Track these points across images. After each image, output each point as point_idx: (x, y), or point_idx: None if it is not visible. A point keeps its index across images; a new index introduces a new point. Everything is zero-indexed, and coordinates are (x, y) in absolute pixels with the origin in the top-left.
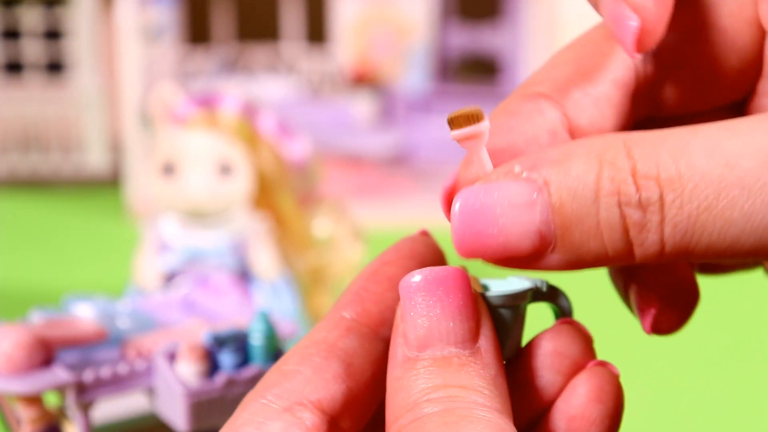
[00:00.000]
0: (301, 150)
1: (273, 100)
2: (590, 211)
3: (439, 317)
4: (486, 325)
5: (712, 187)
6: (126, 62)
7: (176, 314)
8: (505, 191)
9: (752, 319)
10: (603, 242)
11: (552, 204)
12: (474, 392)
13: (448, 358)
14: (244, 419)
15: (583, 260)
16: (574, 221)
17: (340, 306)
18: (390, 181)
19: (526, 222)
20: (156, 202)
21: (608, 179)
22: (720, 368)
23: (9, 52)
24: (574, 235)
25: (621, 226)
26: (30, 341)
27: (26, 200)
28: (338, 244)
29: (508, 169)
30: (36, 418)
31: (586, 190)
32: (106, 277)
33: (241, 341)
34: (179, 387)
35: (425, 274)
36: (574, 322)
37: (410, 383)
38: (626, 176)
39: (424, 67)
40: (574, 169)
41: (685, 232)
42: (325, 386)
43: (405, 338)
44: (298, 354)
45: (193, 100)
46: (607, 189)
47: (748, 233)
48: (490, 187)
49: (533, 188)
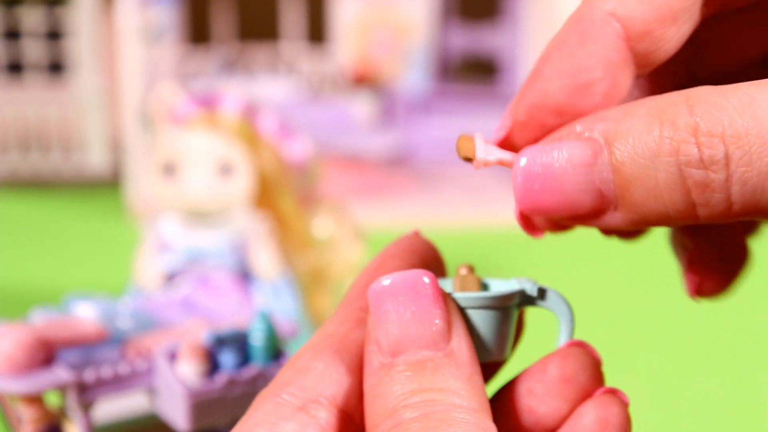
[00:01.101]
0: (302, 150)
1: (273, 100)
2: (649, 172)
3: (410, 321)
4: (458, 325)
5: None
6: (126, 62)
7: (177, 314)
8: (566, 151)
9: (755, 320)
10: (664, 202)
11: (612, 163)
12: (451, 394)
13: (422, 362)
14: (257, 419)
15: (646, 219)
16: (634, 181)
17: (350, 300)
18: (390, 181)
19: (587, 181)
20: (156, 202)
21: (668, 139)
22: (721, 368)
23: (10, 52)
24: (634, 195)
25: (681, 186)
26: (31, 341)
27: (27, 200)
28: (338, 244)
29: (570, 129)
30: (37, 417)
31: (645, 150)
32: (106, 277)
33: (242, 341)
34: (180, 387)
35: (392, 279)
36: (584, 344)
37: (387, 389)
38: (687, 136)
39: (424, 68)
40: (634, 129)
41: (755, 190)
42: (339, 381)
43: (378, 345)
44: (311, 349)
45: (193, 101)
46: (666, 149)
47: None
48: (551, 147)
49: (593, 148)
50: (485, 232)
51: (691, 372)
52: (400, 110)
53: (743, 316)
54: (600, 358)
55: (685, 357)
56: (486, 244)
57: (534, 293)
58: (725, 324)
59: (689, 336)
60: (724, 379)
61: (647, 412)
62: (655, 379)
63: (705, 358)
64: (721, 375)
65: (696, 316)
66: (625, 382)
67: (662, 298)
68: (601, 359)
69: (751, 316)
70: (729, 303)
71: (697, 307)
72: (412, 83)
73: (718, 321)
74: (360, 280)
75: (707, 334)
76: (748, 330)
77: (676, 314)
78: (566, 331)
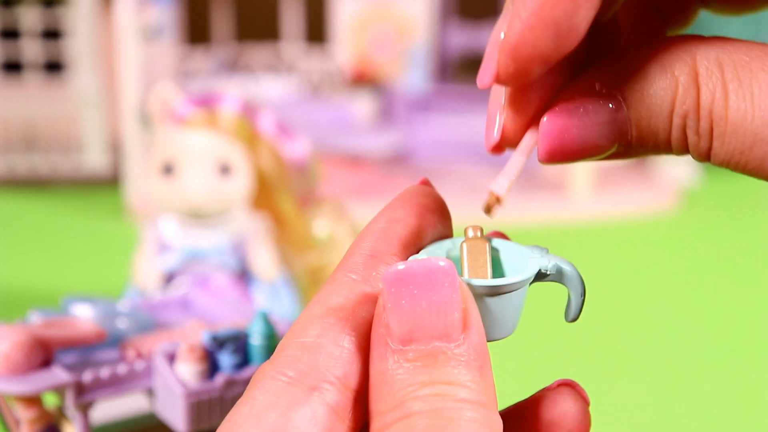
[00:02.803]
0: (301, 150)
1: (273, 100)
2: (665, 126)
3: (425, 311)
4: (472, 316)
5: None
6: (125, 62)
7: (176, 315)
8: (587, 108)
9: (752, 320)
10: (670, 146)
11: (630, 119)
12: (461, 388)
13: (433, 353)
14: (267, 401)
15: (648, 153)
16: (649, 133)
17: (350, 266)
18: (390, 180)
19: (607, 136)
20: (155, 202)
21: (680, 102)
22: (720, 368)
23: (8, 51)
24: (647, 143)
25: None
26: (29, 342)
27: (25, 200)
28: (338, 244)
29: (590, 86)
30: (35, 418)
31: (662, 109)
32: (105, 278)
33: (241, 341)
34: (179, 387)
35: (411, 265)
36: (573, 384)
37: (395, 378)
38: (693, 102)
39: (424, 67)
40: (653, 87)
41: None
42: (349, 360)
43: (388, 330)
44: (317, 324)
45: (192, 100)
46: (678, 110)
47: None
48: (572, 105)
49: (613, 105)
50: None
51: (690, 370)
52: (400, 109)
53: (744, 316)
54: (588, 398)
55: (685, 355)
56: None
57: (550, 270)
58: (726, 324)
59: (689, 335)
60: (724, 379)
61: (646, 409)
62: (656, 377)
63: (705, 359)
64: (721, 375)
65: (696, 315)
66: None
67: (662, 296)
68: (588, 400)
69: (751, 316)
70: (729, 303)
71: (698, 306)
72: (411, 83)
73: (718, 321)
74: (361, 246)
75: (707, 334)
76: (749, 330)
77: (677, 312)
78: (576, 305)
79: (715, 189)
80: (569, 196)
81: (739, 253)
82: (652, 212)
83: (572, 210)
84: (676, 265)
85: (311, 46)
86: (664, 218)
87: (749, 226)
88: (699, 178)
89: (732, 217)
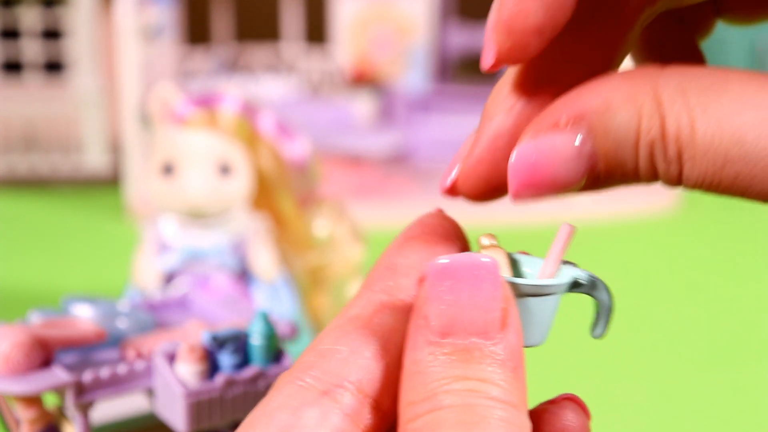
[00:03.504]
0: (301, 150)
1: (273, 100)
2: (632, 156)
3: (465, 305)
4: (512, 316)
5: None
6: (125, 62)
7: (176, 315)
8: (554, 144)
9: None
10: (639, 176)
11: (597, 152)
12: (493, 386)
13: (470, 349)
14: (279, 402)
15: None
16: (616, 165)
17: (371, 282)
18: (390, 180)
19: (576, 168)
20: (155, 202)
21: (645, 131)
22: (720, 368)
23: (8, 51)
24: (616, 174)
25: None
26: (29, 342)
27: (25, 200)
28: (338, 244)
29: (554, 120)
30: (35, 418)
31: (627, 139)
32: (105, 278)
33: (241, 341)
34: (178, 387)
35: (456, 259)
36: (576, 399)
37: (429, 369)
38: (658, 130)
39: (424, 67)
40: (617, 119)
41: (696, 183)
42: (365, 365)
43: (427, 321)
44: (334, 332)
45: (192, 100)
46: (644, 140)
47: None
48: (539, 143)
49: (583, 138)
50: (484, 232)
51: (690, 369)
52: (400, 110)
53: (744, 316)
54: (589, 413)
55: (685, 355)
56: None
57: (584, 280)
58: (726, 324)
59: (689, 335)
60: (724, 379)
61: (647, 409)
62: (656, 377)
63: (705, 359)
64: (721, 375)
65: (696, 315)
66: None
67: (662, 296)
68: (590, 414)
69: (751, 316)
70: (729, 303)
71: (698, 306)
72: (411, 83)
73: (718, 321)
74: (380, 263)
75: (707, 334)
76: (749, 330)
77: (677, 312)
78: (605, 318)
79: None
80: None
81: (739, 253)
82: (652, 212)
83: (572, 210)
84: (676, 265)
85: (311, 46)
86: (664, 218)
87: (749, 226)
88: None
89: (732, 217)
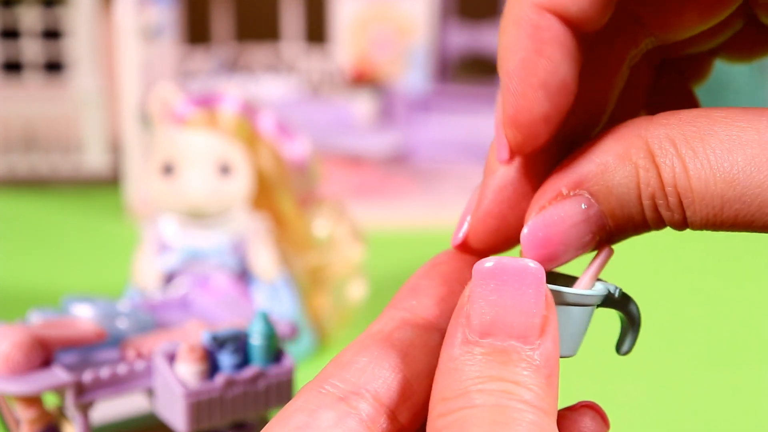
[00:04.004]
0: (301, 150)
1: (273, 100)
2: (637, 210)
3: (508, 308)
4: (551, 324)
5: (718, 201)
6: (125, 62)
7: (176, 315)
8: (560, 213)
9: (752, 320)
10: (648, 226)
11: (604, 212)
12: (527, 390)
13: (507, 351)
14: (297, 406)
15: (631, 235)
16: (625, 220)
17: (395, 302)
18: (390, 181)
19: (586, 233)
20: (155, 202)
21: (645, 185)
22: (720, 368)
23: (8, 51)
24: (626, 228)
25: (659, 218)
26: (28, 341)
27: (25, 200)
28: (338, 244)
29: (555, 192)
30: (35, 418)
31: (630, 196)
32: (105, 278)
33: (241, 341)
34: (178, 387)
35: (503, 261)
36: (595, 407)
37: (465, 366)
38: (656, 180)
39: (424, 67)
40: (616, 178)
41: (701, 225)
42: (383, 376)
43: (468, 320)
44: (355, 346)
45: (192, 100)
46: (645, 192)
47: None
48: (546, 216)
49: (585, 205)
50: None
51: (691, 370)
52: (400, 110)
53: (744, 316)
54: (608, 422)
55: (685, 356)
56: None
57: (617, 295)
58: (726, 324)
59: (689, 335)
60: (724, 379)
61: (647, 409)
62: (656, 377)
63: (705, 359)
64: (722, 375)
65: (695, 315)
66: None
67: (662, 296)
68: (609, 423)
69: (751, 316)
70: (729, 303)
71: (697, 306)
72: (411, 83)
73: (718, 321)
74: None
75: (707, 334)
76: (749, 330)
77: (676, 312)
78: (632, 337)
79: None
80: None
81: (739, 252)
82: None
83: None
84: (676, 265)
85: (311, 46)
86: None
87: None
88: None
89: None
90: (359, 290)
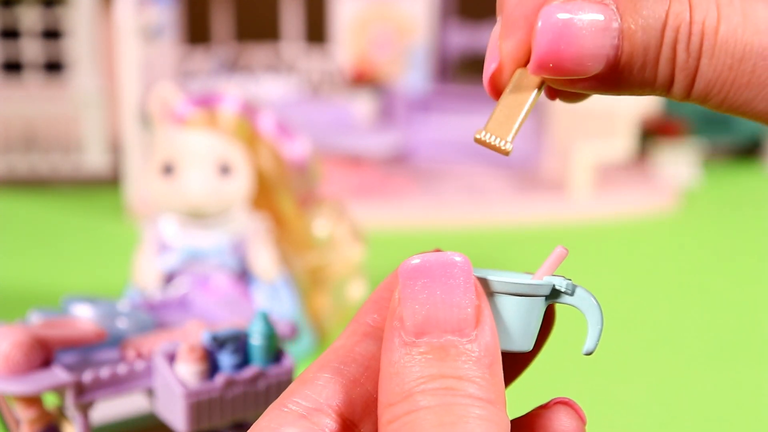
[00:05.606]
0: (301, 150)
1: (273, 100)
2: (656, 40)
3: (438, 303)
4: (485, 313)
5: (739, 51)
6: (125, 62)
7: (176, 315)
8: (586, 12)
9: (752, 319)
10: (656, 73)
11: (624, 30)
12: (470, 383)
13: (445, 347)
14: (261, 426)
15: (630, 87)
16: (640, 50)
17: (358, 316)
18: (390, 180)
19: (600, 45)
20: (155, 202)
21: (674, 15)
22: (720, 368)
23: (8, 51)
24: (635, 62)
25: (672, 62)
26: (29, 342)
27: (25, 200)
28: (338, 244)
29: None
30: (35, 418)
31: (656, 20)
32: (105, 278)
33: (241, 341)
34: (179, 387)
35: (427, 257)
36: (571, 403)
37: (406, 369)
38: (686, 15)
39: (424, 67)
40: (648, 1)
41: (710, 80)
42: (344, 390)
43: (401, 322)
44: (318, 363)
45: (192, 100)
46: (672, 23)
47: (760, 99)
48: (573, 7)
49: (608, 14)
50: (485, 231)
51: (690, 370)
52: (400, 110)
53: (744, 316)
54: (584, 417)
55: (685, 355)
56: (485, 244)
57: (564, 288)
58: (725, 324)
59: (689, 335)
60: (724, 379)
61: (647, 409)
62: (655, 377)
63: (705, 359)
64: (721, 375)
65: (696, 315)
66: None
67: (662, 296)
68: (585, 419)
69: (751, 315)
70: (729, 303)
71: (697, 306)
72: (411, 83)
73: (718, 321)
74: (369, 298)
75: (707, 334)
76: (749, 330)
77: (677, 312)
78: (594, 333)
79: (715, 189)
80: (569, 196)
81: (739, 252)
82: (652, 212)
83: (572, 210)
84: (675, 265)
85: (311, 46)
86: (664, 218)
87: (748, 226)
88: (699, 178)
89: (732, 217)
90: (359, 290)
